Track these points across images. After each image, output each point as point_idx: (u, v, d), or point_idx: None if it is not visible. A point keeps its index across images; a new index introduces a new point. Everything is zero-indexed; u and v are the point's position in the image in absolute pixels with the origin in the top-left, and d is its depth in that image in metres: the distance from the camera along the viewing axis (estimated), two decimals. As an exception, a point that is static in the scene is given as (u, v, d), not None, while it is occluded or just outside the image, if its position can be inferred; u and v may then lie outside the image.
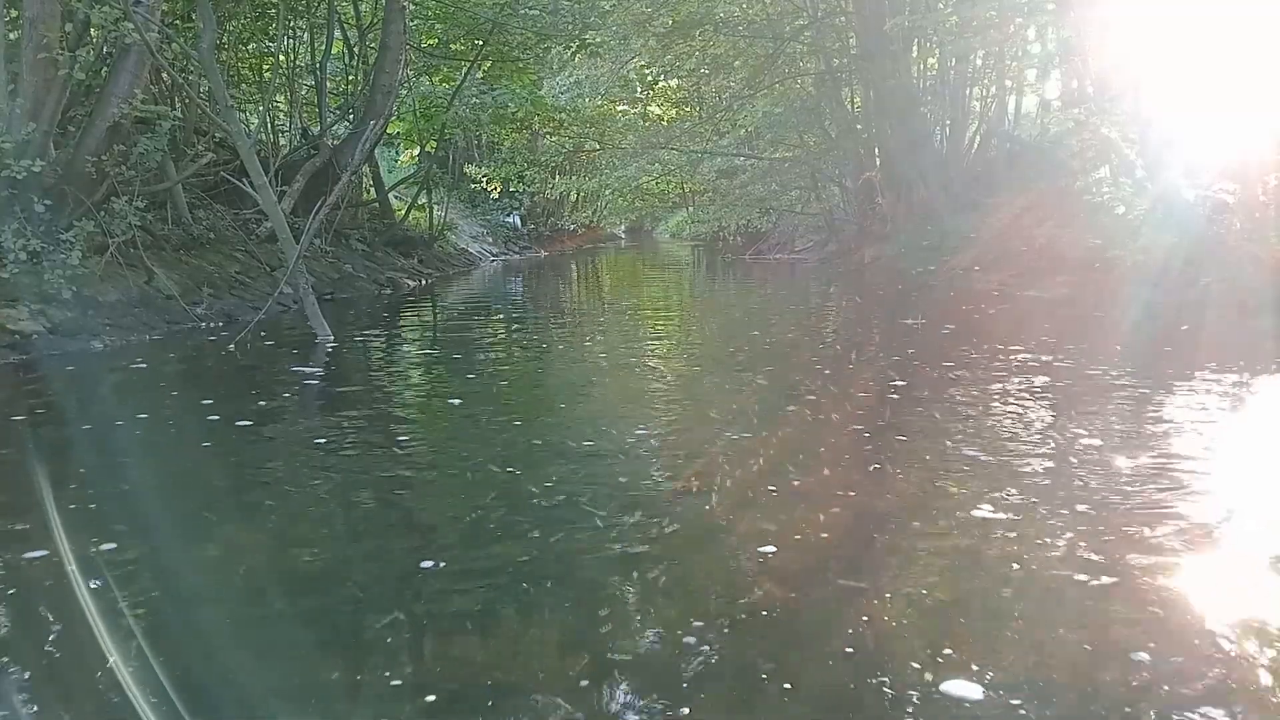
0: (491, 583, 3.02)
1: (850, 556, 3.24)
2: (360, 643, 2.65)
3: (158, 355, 7.97)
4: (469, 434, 5.22)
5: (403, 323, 11.33)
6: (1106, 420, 5.11)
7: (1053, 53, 15.55)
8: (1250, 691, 2.30)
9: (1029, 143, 16.12)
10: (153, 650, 2.48)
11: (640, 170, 24.80)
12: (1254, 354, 7.11)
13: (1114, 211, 10.94)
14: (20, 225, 7.94)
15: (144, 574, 3.13)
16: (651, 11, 18.02)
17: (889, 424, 5.15)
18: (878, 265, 15.84)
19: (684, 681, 2.37)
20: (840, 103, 19.57)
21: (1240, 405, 5.68)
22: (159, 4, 9.65)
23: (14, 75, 8.44)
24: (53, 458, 4.57)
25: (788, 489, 3.92)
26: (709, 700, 2.30)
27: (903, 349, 7.77)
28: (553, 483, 4.06)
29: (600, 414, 5.76)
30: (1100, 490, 3.81)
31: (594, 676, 2.40)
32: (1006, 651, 2.53)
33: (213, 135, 11.57)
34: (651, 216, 39.69)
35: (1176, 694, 2.28)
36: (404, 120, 19.63)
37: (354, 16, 16.94)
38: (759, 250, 22.66)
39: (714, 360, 7.95)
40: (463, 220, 23.35)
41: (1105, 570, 2.99)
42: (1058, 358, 7.05)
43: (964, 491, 3.83)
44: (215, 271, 10.77)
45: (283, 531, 3.63)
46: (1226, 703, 2.22)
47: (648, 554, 3.23)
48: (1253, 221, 9.41)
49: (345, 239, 14.77)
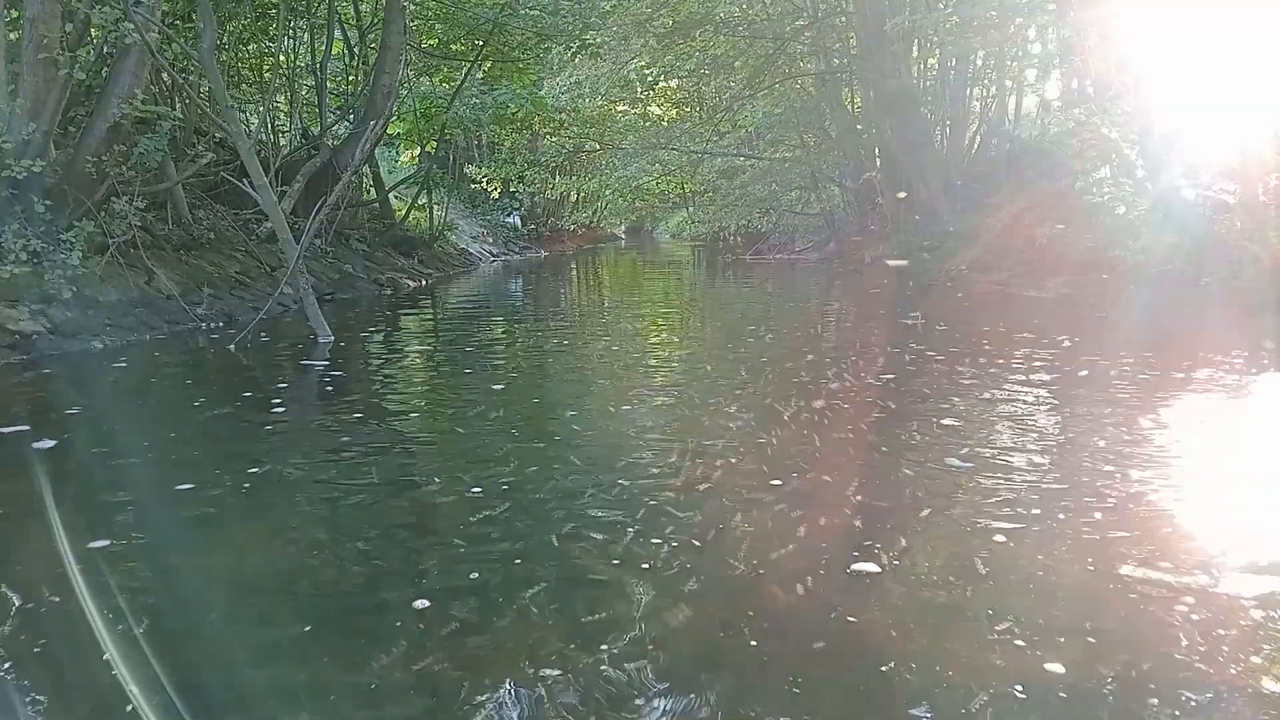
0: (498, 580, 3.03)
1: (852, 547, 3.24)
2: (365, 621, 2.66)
3: (158, 355, 7.97)
4: (469, 434, 5.22)
5: (403, 323, 11.33)
6: (1107, 420, 5.10)
7: (1053, 53, 15.56)
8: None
9: (1029, 143, 16.10)
10: (153, 649, 2.49)
11: (640, 170, 24.79)
12: (1254, 354, 7.11)
13: (1114, 211, 10.94)
14: (20, 225, 7.94)
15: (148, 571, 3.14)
16: (651, 12, 18.02)
17: (888, 424, 5.14)
18: (878, 265, 15.84)
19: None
20: (840, 103, 19.57)
21: (1240, 405, 5.68)
22: (159, 4, 9.65)
23: (14, 75, 8.44)
24: (54, 457, 4.57)
25: (788, 488, 3.92)
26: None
27: (902, 348, 7.76)
28: (561, 494, 4.05)
29: (601, 414, 5.76)
30: (1100, 490, 3.81)
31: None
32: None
33: (213, 135, 11.57)
34: (652, 217, 39.71)
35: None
36: (404, 121, 19.63)
37: (354, 17, 16.95)
38: (759, 250, 22.65)
39: (714, 360, 7.94)
40: (463, 220, 23.35)
41: (1099, 565, 2.99)
42: (1057, 357, 7.05)
43: (963, 494, 3.83)
44: (215, 272, 10.77)
45: (285, 528, 3.63)
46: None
47: (646, 551, 3.23)
48: (1253, 221, 9.41)
49: (345, 239, 14.77)
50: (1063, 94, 16.78)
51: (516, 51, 19.35)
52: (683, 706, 2.28)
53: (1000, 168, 16.18)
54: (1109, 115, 11.62)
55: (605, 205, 28.95)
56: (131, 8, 8.39)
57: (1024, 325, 8.86)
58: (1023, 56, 16.36)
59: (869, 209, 18.49)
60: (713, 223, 25.81)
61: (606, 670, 2.44)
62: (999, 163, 16.52)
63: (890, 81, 15.66)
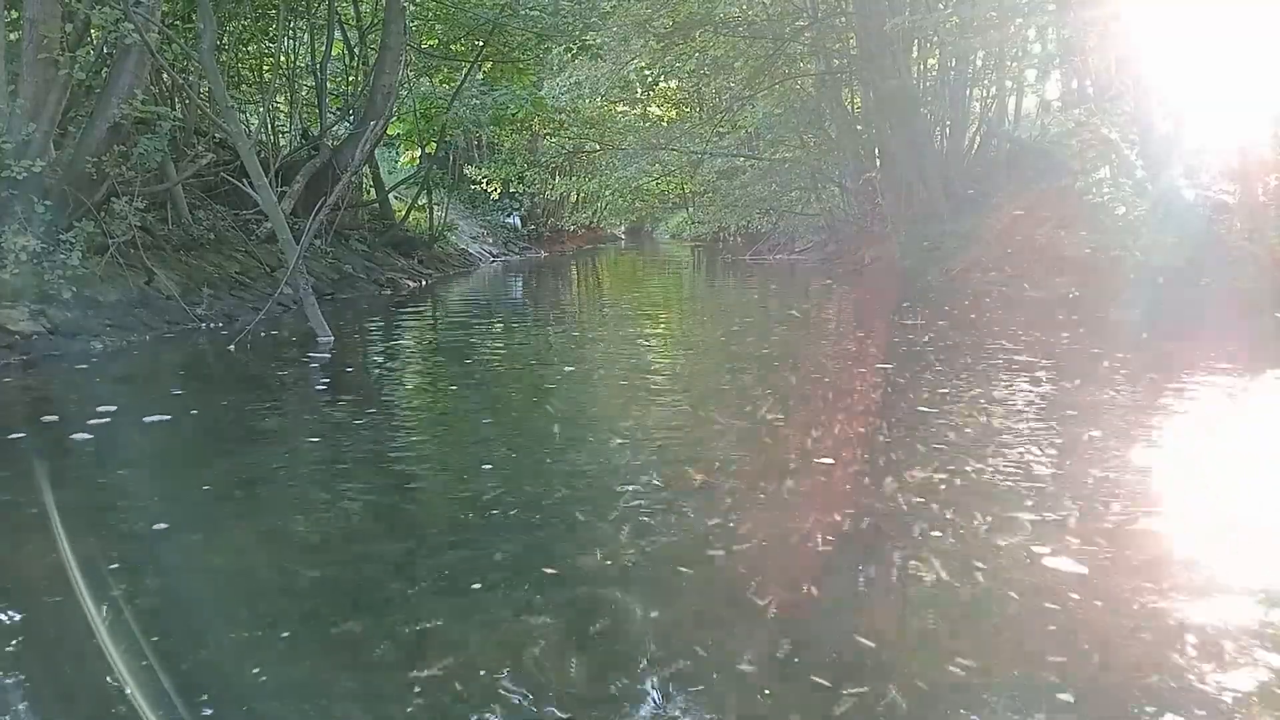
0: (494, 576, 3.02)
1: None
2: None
3: (158, 356, 7.97)
4: (468, 435, 5.22)
5: (403, 323, 11.32)
6: (1107, 420, 5.10)
7: (1053, 53, 15.56)
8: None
9: (1029, 143, 16.10)
10: (153, 649, 2.48)
11: (640, 171, 24.81)
12: (1254, 354, 7.10)
13: (1114, 212, 10.93)
14: (20, 225, 7.93)
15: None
16: (651, 12, 18.03)
17: (887, 423, 5.14)
18: (878, 266, 15.84)
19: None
20: (840, 103, 19.56)
21: (1240, 405, 5.68)
22: (159, 4, 9.65)
23: (14, 75, 8.43)
24: (52, 459, 4.56)
25: (787, 488, 3.92)
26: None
27: (901, 346, 7.77)
28: (561, 494, 4.05)
29: (602, 416, 5.76)
30: (1099, 489, 3.80)
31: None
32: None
33: (213, 136, 11.56)
34: (651, 217, 39.71)
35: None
36: (404, 121, 19.62)
37: (354, 17, 16.94)
38: (759, 251, 22.66)
39: (714, 361, 7.94)
40: (463, 221, 23.33)
41: (1095, 566, 2.99)
42: (1057, 357, 7.05)
43: (963, 497, 3.82)
44: (215, 272, 10.76)
45: (284, 527, 3.62)
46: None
47: (642, 549, 3.23)
48: (1253, 221, 9.41)
49: (345, 239, 14.76)
50: (1063, 94, 16.78)
51: (516, 52, 19.32)
52: (683, 705, 2.28)
53: (1000, 168, 16.18)
54: (1109, 115, 11.61)
55: (605, 206, 28.98)
56: (131, 8, 8.39)
57: (1024, 325, 8.86)
58: (1023, 56, 16.36)
59: (869, 209, 18.49)
60: (713, 223, 25.83)
61: (607, 669, 2.43)
62: (999, 163, 16.52)
63: (890, 82, 15.65)
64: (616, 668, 2.45)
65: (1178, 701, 2.25)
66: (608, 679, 2.40)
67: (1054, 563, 3.05)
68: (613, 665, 2.46)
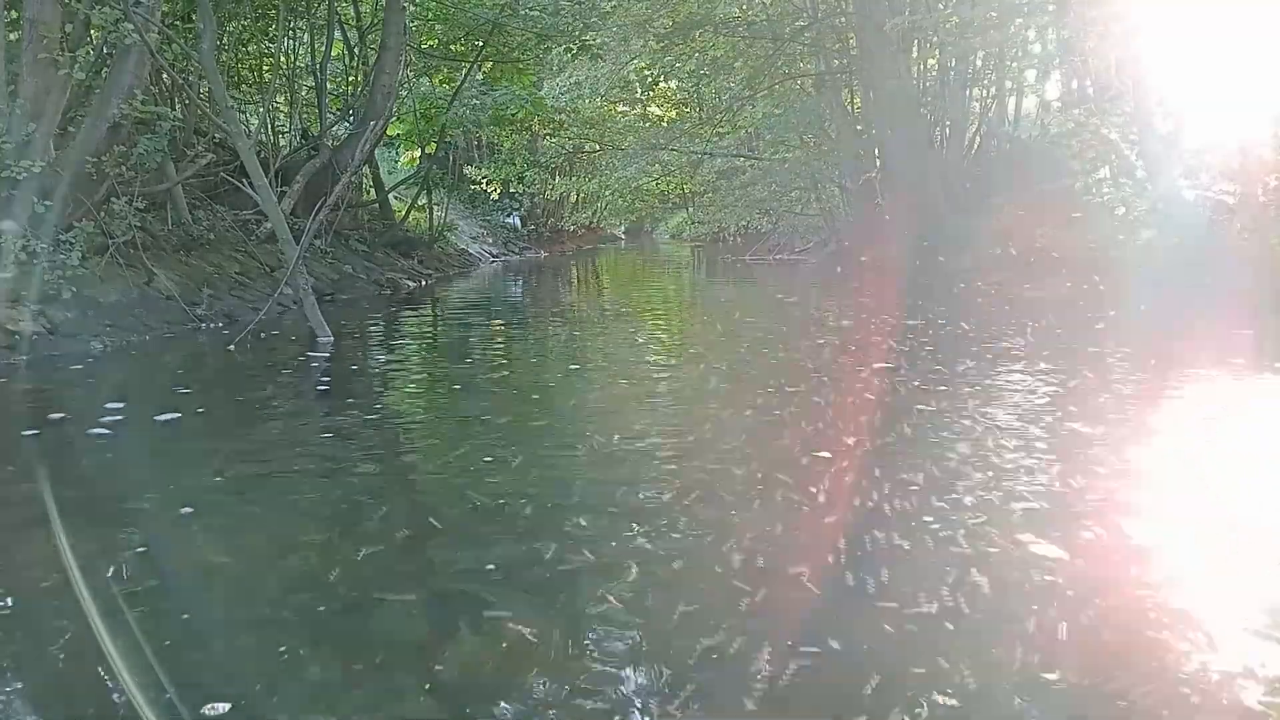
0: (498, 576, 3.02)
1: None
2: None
3: (158, 356, 7.97)
4: (469, 433, 5.22)
5: (403, 323, 11.33)
6: (1107, 419, 5.10)
7: (1053, 53, 15.55)
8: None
9: (1029, 143, 16.12)
10: (153, 649, 2.49)
11: (640, 171, 24.84)
12: (1254, 354, 7.10)
13: (1114, 212, 10.94)
14: (20, 225, 7.92)
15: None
16: (651, 12, 18.04)
17: (886, 422, 5.14)
18: (878, 266, 15.84)
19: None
20: (840, 104, 19.58)
21: (1240, 405, 5.68)
22: (159, 4, 9.65)
23: (14, 75, 8.43)
24: (53, 458, 4.56)
25: (788, 484, 3.92)
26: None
27: (902, 346, 7.77)
28: (561, 496, 4.05)
29: (601, 417, 5.76)
30: (1098, 489, 3.80)
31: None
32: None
33: (213, 136, 11.56)
34: (651, 217, 39.77)
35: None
36: (404, 121, 19.62)
37: (354, 17, 16.94)
38: (759, 251, 22.66)
39: (713, 360, 7.94)
40: (463, 221, 23.34)
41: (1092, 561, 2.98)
42: (1057, 357, 7.05)
43: (963, 496, 3.82)
44: (215, 272, 10.75)
45: (284, 527, 3.63)
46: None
47: (640, 545, 3.23)
48: (1253, 221, 9.42)
49: (345, 240, 14.76)
50: (1062, 94, 16.78)
51: (516, 52, 19.34)
52: (681, 705, 2.28)
53: (1000, 168, 16.21)
54: (1109, 116, 11.61)
55: (605, 206, 29.02)
56: (131, 8, 8.38)
57: (1024, 325, 8.87)
58: (1023, 57, 16.37)
59: (869, 210, 18.49)
60: (712, 223, 25.84)
61: (607, 670, 2.43)
62: (999, 163, 16.55)
63: (890, 82, 15.68)
64: (617, 668, 2.44)
65: (1179, 702, 2.25)
66: (608, 679, 2.39)
67: (1054, 564, 3.05)
68: (613, 665, 2.46)
